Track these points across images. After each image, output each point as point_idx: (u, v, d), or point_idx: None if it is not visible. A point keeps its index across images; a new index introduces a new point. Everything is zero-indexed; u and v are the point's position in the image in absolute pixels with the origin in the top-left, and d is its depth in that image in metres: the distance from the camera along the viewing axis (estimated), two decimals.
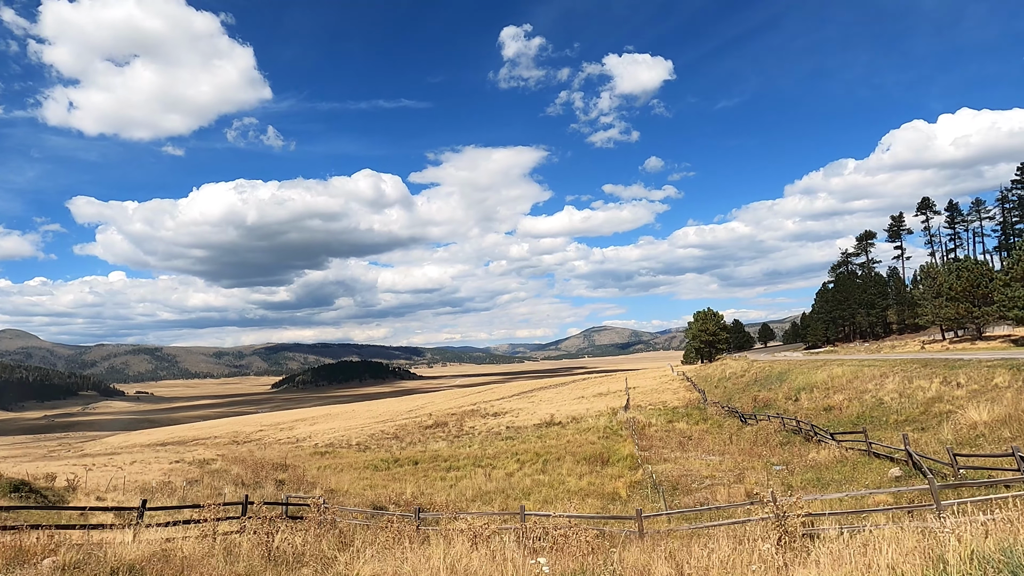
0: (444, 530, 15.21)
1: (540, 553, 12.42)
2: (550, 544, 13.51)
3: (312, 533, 11.58)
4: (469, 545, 12.62)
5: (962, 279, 74.09)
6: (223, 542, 11.79)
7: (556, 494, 26.27)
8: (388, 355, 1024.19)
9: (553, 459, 35.30)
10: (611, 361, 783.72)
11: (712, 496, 22.29)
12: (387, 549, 12.11)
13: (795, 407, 42.71)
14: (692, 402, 62.87)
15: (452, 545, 12.60)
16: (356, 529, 15.36)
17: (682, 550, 9.75)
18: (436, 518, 17.82)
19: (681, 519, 18.41)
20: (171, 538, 12.96)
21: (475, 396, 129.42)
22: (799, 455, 27.66)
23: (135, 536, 13.14)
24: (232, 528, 15.13)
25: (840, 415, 35.06)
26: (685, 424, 46.75)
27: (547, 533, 15.04)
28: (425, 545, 12.13)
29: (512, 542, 13.77)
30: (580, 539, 13.06)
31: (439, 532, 14.72)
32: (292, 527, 10.92)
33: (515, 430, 64.80)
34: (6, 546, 7.99)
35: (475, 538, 13.01)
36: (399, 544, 13.00)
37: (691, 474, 26.66)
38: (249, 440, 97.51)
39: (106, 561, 8.08)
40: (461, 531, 14.59)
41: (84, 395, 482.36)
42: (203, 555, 9.64)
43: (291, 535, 10.80)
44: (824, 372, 49.54)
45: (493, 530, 13.17)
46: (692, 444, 36.52)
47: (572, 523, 14.43)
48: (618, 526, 16.24)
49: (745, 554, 8.14)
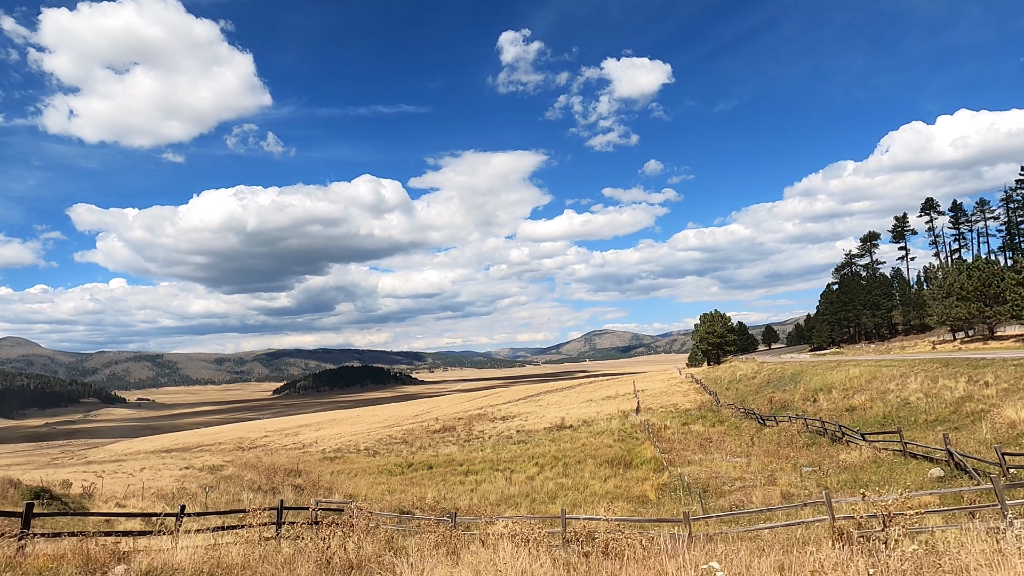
0: (482, 534, 14.78)
1: (592, 557, 12.00)
2: (601, 548, 13.08)
3: (362, 538, 11.15)
4: (515, 550, 12.21)
5: (973, 278, 73.69)
6: (271, 548, 11.36)
7: (583, 498, 25.82)
8: (389, 360, 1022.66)
9: (573, 463, 34.84)
10: (612, 365, 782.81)
11: (747, 498, 21.84)
12: (446, 554, 11.69)
13: (814, 408, 42.24)
14: (704, 404, 62.38)
15: (498, 551, 12.20)
16: (397, 534, 14.92)
17: (762, 555, 9.32)
18: (472, 522, 17.37)
19: (720, 522, 17.97)
20: (214, 544, 12.53)
21: (481, 400, 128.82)
22: (828, 456, 27.22)
23: (175, 542, 12.72)
24: (269, 534, 14.70)
25: (864, 416, 34.61)
26: (701, 426, 46.29)
27: (591, 537, 14.62)
28: (484, 550, 11.69)
29: (561, 546, 13.36)
30: (635, 543, 12.62)
31: (479, 536, 14.27)
32: (341, 533, 10.49)
33: (526, 434, 64.35)
34: (75, 552, 7.60)
35: (526, 543, 12.59)
36: (449, 549, 12.58)
37: (719, 476, 26.22)
38: (255, 446, 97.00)
39: (177, 568, 7.67)
40: (512, 535, 14.16)
41: (85, 402, 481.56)
42: (258, 561, 9.21)
43: (343, 540, 10.37)
44: (840, 373, 49.07)
45: (543, 534, 12.73)
46: (713, 446, 36.04)
47: (619, 526, 14.00)
48: (665, 529, 15.78)
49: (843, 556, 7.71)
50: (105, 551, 8.02)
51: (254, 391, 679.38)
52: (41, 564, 7.41)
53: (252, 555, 10.48)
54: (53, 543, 10.81)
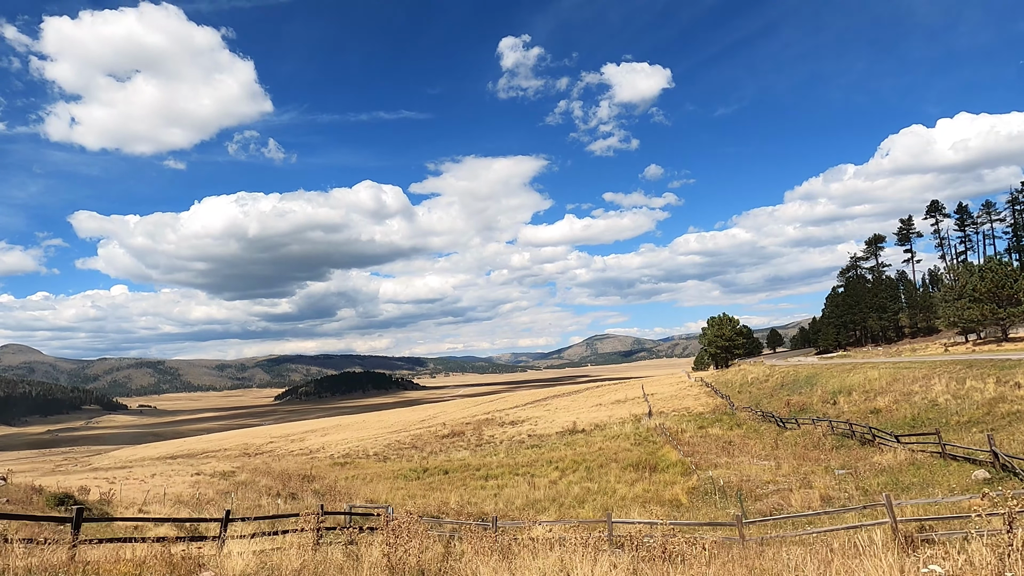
0: (525, 539, 14.36)
1: (658, 563, 11.58)
2: (659, 552, 12.65)
3: (423, 544, 10.75)
4: (571, 554, 11.80)
5: (986, 280, 73.29)
6: (323, 554, 10.96)
7: (612, 502, 25.37)
8: (391, 366, 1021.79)
9: (595, 467, 34.40)
10: (614, 369, 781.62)
11: (785, 502, 21.41)
12: (500, 559, 11.28)
13: (834, 411, 41.80)
14: (718, 408, 61.90)
15: (550, 555, 11.79)
16: (446, 540, 14.51)
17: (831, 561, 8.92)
18: (512, 527, 16.95)
19: (772, 526, 17.53)
20: (264, 550, 12.13)
21: (488, 405, 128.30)
22: (861, 459, 26.78)
23: (221, 548, 12.33)
24: (311, 540, 14.27)
25: (890, 418, 34.17)
26: (720, 430, 45.84)
27: (641, 541, 14.20)
28: (542, 555, 11.29)
29: (610, 551, 12.94)
30: (698, 548, 12.21)
31: (523, 541, 13.84)
32: (404, 538, 10.09)
33: (538, 438, 63.91)
34: (157, 557, 7.22)
35: (585, 547, 12.19)
36: (503, 555, 12.17)
37: (751, 479, 25.77)
38: (260, 452, 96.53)
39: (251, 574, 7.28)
40: (560, 540, 13.73)
41: (87, 409, 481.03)
42: (327, 567, 8.83)
43: (404, 545, 9.97)
44: (858, 375, 48.63)
45: (600, 538, 12.33)
46: (735, 450, 35.59)
47: (673, 530, 13.58)
48: (721, 533, 15.36)
49: None
50: (188, 557, 7.65)
51: (256, 397, 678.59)
52: (124, 570, 7.04)
53: (311, 561, 10.08)
54: (100, 548, 10.43)
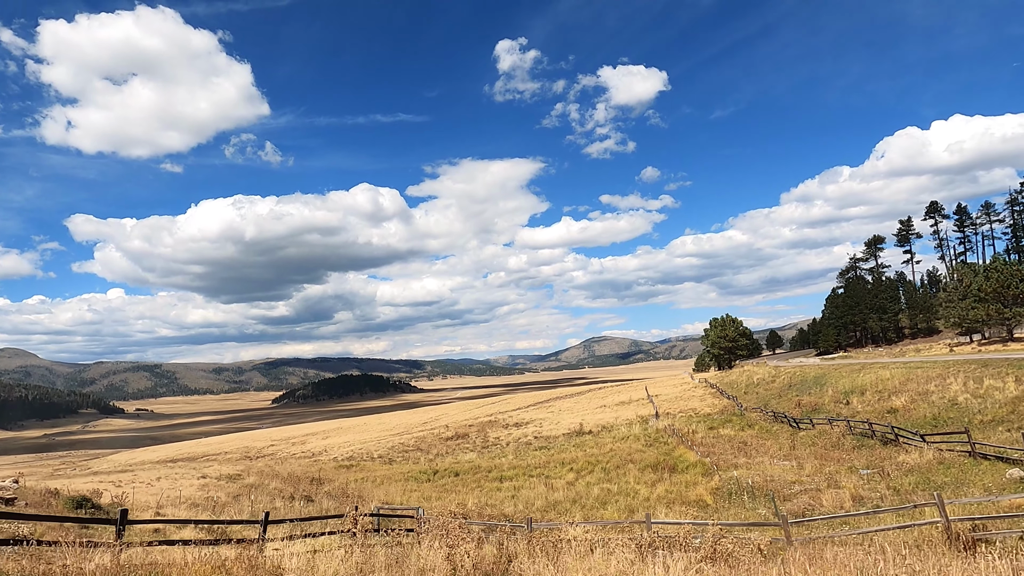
0: (567, 540, 14.05)
1: (715, 564, 11.29)
2: (708, 554, 12.36)
3: (480, 546, 10.45)
4: (620, 555, 11.50)
5: (992, 280, 73.26)
6: (371, 555, 10.64)
7: (636, 503, 25.07)
8: (388, 368, 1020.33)
9: (611, 468, 34.10)
10: (611, 371, 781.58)
11: (815, 502, 21.13)
12: (548, 561, 10.97)
13: (848, 411, 41.58)
14: (726, 409, 61.63)
15: (593, 555, 11.50)
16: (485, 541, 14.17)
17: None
18: (547, 528, 16.64)
19: (813, 527, 17.24)
20: (307, 552, 11.79)
21: (490, 407, 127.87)
22: (885, 458, 26.54)
23: (262, 550, 11.99)
24: (351, 541, 13.94)
25: (908, 417, 33.95)
26: (731, 430, 45.56)
27: (677, 541, 13.91)
28: (592, 556, 10.99)
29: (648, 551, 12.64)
30: (746, 549, 11.93)
31: (561, 542, 13.53)
32: (463, 540, 9.79)
33: (545, 440, 63.56)
34: (236, 561, 6.91)
35: (640, 548, 11.90)
36: (550, 557, 11.87)
37: (775, 480, 25.49)
38: (262, 455, 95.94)
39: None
40: (603, 541, 13.42)
41: (84, 413, 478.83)
42: (388, 569, 8.51)
43: (464, 546, 9.67)
44: (869, 375, 48.43)
45: (653, 540, 12.04)
46: (751, 450, 35.32)
47: (721, 531, 13.27)
48: (768, 534, 15.07)
49: None
50: (237, 562, 7.34)
51: (253, 400, 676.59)
52: (204, 570, 6.74)
53: (356, 561, 9.76)
54: (151, 552, 10.10)
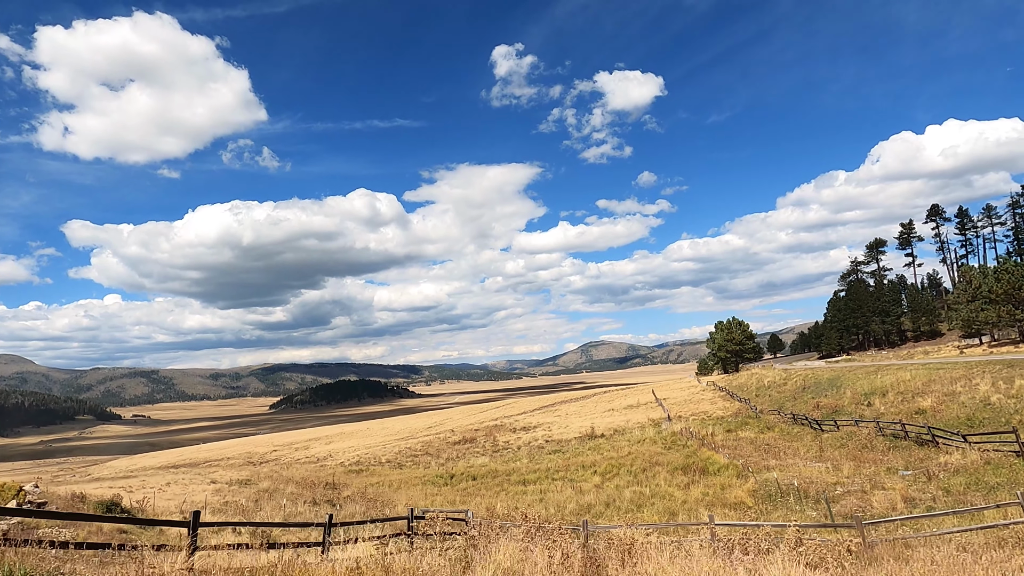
0: (643, 543, 13.49)
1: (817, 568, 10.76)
2: (788, 553, 11.81)
3: (566, 546, 9.89)
4: (698, 557, 10.97)
5: (1002, 281, 72.96)
6: (440, 558, 10.08)
7: (674, 505, 24.52)
8: (386, 373, 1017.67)
9: (638, 471, 33.54)
10: (609, 376, 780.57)
11: (864, 503, 20.61)
12: (623, 564, 10.44)
13: (870, 412, 41.09)
14: (740, 412, 61.10)
15: (670, 559, 10.96)
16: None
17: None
18: (601, 531, 16.07)
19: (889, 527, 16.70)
20: (359, 557, 11.22)
21: (494, 411, 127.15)
22: (924, 459, 26.04)
23: (325, 553, 11.42)
24: (403, 546, 13.38)
25: (938, 418, 33.45)
26: (751, 433, 45.06)
27: (743, 543, 13.36)
28: (680, 558, 10.44)
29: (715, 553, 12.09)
30: (834, 552, 11.39)
31: (644, 544, 12.96)
32: (561, 542, 9.26)
33: (557, 443, 62.93)
34: (374, 564, 6.37)
35: (729, 550, 11.37)
36: (624, 560, 11.32)
37: (814, 481, 24.96)
38: (265, 460, 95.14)
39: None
40: (675, 543, 12.86)
41: (80, 419, 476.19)
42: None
43: (563, 547, 9.15)
44: (888, 377, 47.98)
45: (740, 542, 11.50)
46: (778, 452, 34.80)
47: (801, 532, 12.74)
48: (834, 535, 14.53)
49: None
50: (380, 564, 6.81)
51: (251, 406, 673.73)
52: (343, 572, 6.23)
53: (440, 564, 9.20)
54: (226, 556, 9.52)
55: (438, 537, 14.86)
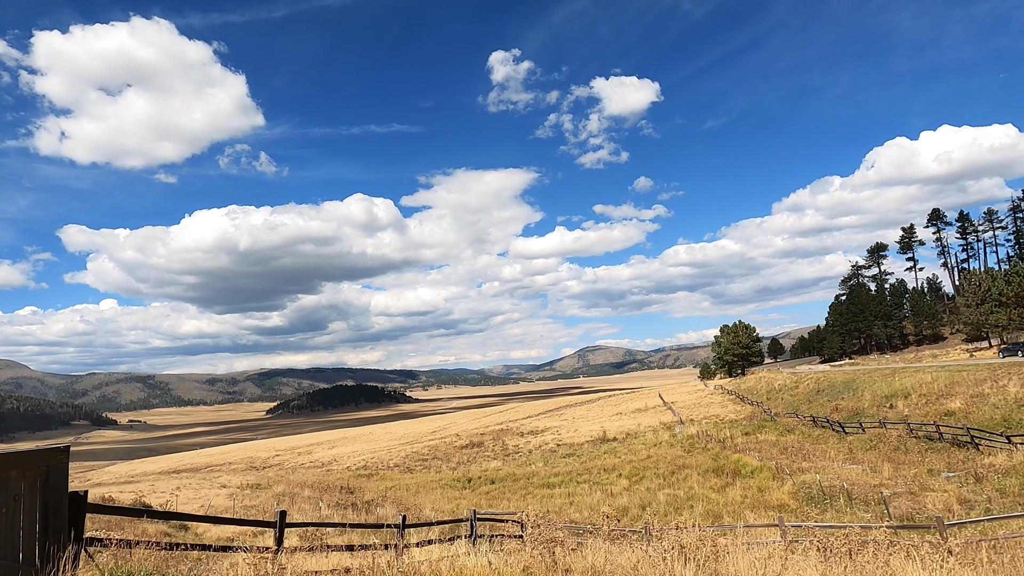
0: (713, 544, 13.00)
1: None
2: (888, 554, 11.33)
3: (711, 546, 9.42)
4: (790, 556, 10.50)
5: (1013, 284, 72.85)
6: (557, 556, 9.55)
7: (715, 508, 24.02)
8: (383, 378, 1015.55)
9: (667, 473, 33.02)
10: (606, 381, 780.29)
11: (918, 504, 20.16)
12: (698, 567, 9.94)
13: (894, 414, 40.71)
14: (754, 415, 60.66)
15: (769, 561, 10.48)
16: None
17: None
18: (663, 534, 15.57)
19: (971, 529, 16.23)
20: (439, 558, 10.69)
21: (498, 416, 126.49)
22: (967, 461, 25.63)
23: (397, 556, 10.88)
24: (477, 547, 12.84)
25: (970, 419, 33.09)
26: (772, 435, 44.58)
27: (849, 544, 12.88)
28: (776, 560, 9.96)
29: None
30: (940, 552, 10.93)
31: (727, 546, 12.46)
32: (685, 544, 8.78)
33: (569, 447, 62.36)
34: (536, 565, 5.89)
35: (824, 551, 10.90)
36: (700, 562, 10.83)
37: (856, 484, 24.48)
38: (268, 465, 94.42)
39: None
40: (760, 543, 12.37)
41: (76, 425, 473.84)
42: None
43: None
44: (908, 379, 47.59)
45: (858, 543, 10.99)
46: (807, 455, 34.34)
47: (887, 535, 12.27)
48: (915, 536, 14.06)
49: None
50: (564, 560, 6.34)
51: (247, 411, 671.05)
52: (515, 573, 5.75)
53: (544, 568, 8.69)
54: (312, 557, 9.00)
55: (504, 539, 14.36)
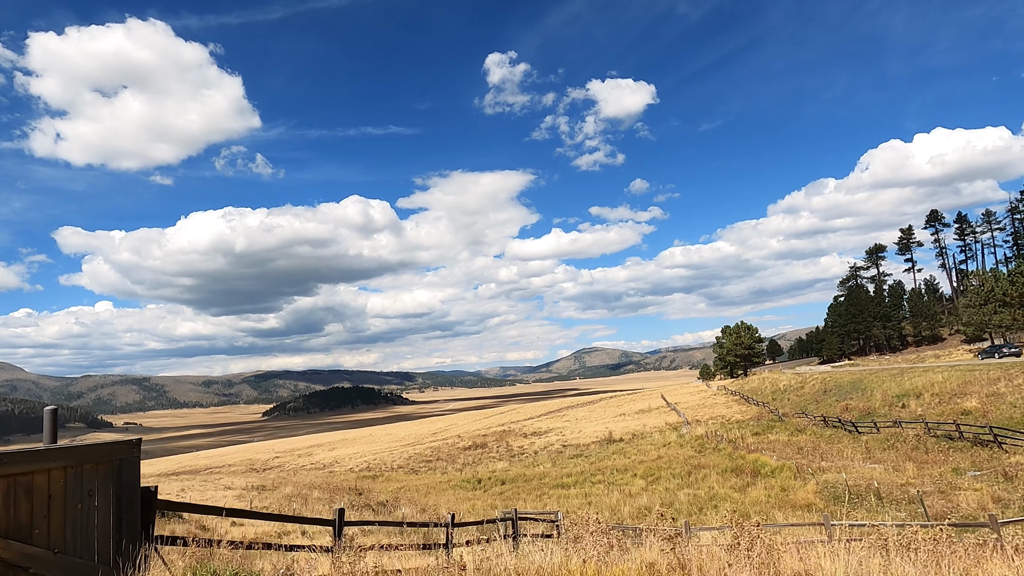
0: (769, 543, 12.72)
1: None
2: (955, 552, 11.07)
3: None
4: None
5: (1018, 284, 72.87)
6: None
7: (739, 507, 23.74)
8: (379, 380, 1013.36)
9: (683, 474, 32.75)
10: (603, 382, 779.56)
11: (951, 503, 19.94)
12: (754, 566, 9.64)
13: (907, 414, 40.54)
14: (761, 416, 60.45)
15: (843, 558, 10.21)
16: None
17: None
18: (700, 531, 15.32)
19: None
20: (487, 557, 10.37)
21: (499, 417, 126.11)
22: (992, 460, 25.44)
23: (449, 554, 10.57)
24: (504, 548, 12.52)
25: (988, 418, 32.91)
26: (783, 435, 44.36)
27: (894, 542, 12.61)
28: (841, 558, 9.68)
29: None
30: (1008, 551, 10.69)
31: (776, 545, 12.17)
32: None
33: (575, 448, 62.06)
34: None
35: (905, 549, 10.64)
36: (759, 562, 10.53)
37: (881, 483, 24.24)
38: (268, 467, 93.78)
39: None
40: (827, 541, 12.08)
41: (71, 427, 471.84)
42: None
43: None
44: (919, 379, 47.46)
45: (929, 541, 10.73)
46: (823, 454, 34.12)
47: (945, 533, 12.02)
48: (969, 535, 13.79)
49: None
50: None
51: (243, 413, 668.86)
52: (639, 570, 5.46)
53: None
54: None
55: (547, 539, 14.04)
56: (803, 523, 15.82)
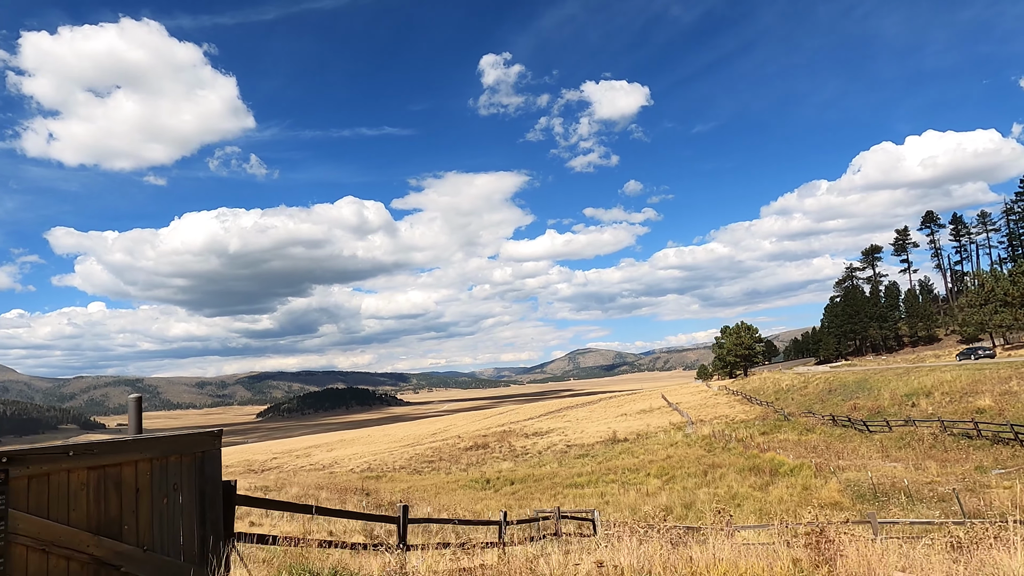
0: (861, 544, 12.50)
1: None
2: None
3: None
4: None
5: (1019, 284, 73.04)
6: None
7: (763, 507, 23.55)
8: (373, 381, 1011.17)
9: (698, 473, 32.52)
10: (597, 383, 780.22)
11: (984, 500, 19.75)
12: None
13: (917, 412, 40.45)
14: (765, 415, 60.34)
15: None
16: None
17: None
18: (734, 531, 15.07)
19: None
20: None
21: (498, 418, 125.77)
22: (1015, 457, 25.27)
23: (503, 552, 10.25)
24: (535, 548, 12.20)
25: (1003, 417, 32.84)
26: (792, 435, 44.24)
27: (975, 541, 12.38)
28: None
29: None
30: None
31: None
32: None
33: (581, 448, 61.82)
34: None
35: (958, 547, 10.41)
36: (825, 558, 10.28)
37: (906, 481, 24.04)
38: (267, 468, 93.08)
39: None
40: (908, 538, 11.83)
41: (64, 429, 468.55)
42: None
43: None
44: (927, 378, 47.43)
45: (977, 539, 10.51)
46: (837, 453, 33.97)
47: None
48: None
49: None
50: None
51: (237, 414, 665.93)
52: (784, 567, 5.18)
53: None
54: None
55: (557, 538, 13.75)
56: (847, 521, 15.56)
